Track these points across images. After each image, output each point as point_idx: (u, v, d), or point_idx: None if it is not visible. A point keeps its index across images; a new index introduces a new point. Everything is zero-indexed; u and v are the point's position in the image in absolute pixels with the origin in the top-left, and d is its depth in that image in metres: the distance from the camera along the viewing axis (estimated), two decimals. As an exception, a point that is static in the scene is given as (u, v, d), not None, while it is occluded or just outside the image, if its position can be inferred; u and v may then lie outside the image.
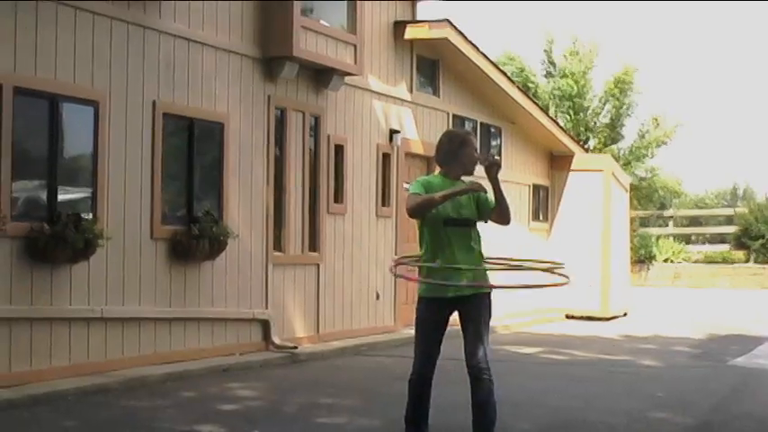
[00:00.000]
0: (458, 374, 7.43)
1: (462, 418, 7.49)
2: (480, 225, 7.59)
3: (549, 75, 36.53)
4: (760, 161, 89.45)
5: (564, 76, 35.52)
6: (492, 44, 52.19)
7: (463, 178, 7.56)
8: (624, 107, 36.05)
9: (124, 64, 11.62)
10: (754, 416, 10.15)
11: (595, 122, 36.19)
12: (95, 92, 11.21)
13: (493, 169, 7.28)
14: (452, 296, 7.35)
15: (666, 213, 39.23)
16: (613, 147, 35.50)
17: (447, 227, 7.37)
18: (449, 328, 7.45)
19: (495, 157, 7.43)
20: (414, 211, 7.34)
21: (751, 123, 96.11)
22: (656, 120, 36.37)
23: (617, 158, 31.88)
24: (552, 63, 36.70)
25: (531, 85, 35.53)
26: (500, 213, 7.43)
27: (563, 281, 7.64)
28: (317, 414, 9.65)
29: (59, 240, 10.39)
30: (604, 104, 36.19)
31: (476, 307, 7.37)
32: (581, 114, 35.61)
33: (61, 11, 10.77)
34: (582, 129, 35.35)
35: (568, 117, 35.20)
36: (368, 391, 11.14)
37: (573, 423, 9.48)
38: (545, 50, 37.04)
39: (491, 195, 7.42)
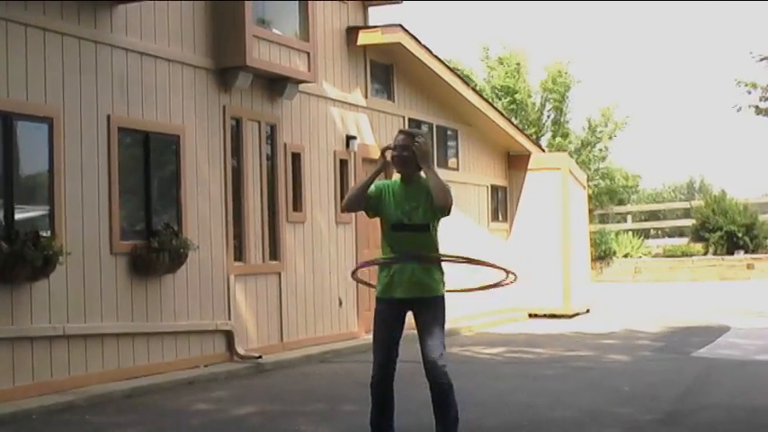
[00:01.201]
0: (421, 376, 7.47)
1: (428, 420, 7.51)
2: (442, 229, 7.60)
3: (489, 80, 36.91)
4: (714, 155, 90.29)
5: (502, 75, 35.94)
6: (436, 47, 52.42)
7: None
8: (564, 100, 36.47)
9: (77, 79, 11.56)
10: (719, 405, 10.23)
11: (540, 119, 36.56)
12: (49, 108, 11.14)
13: (405, 154, 7.36)
14: (400, 297, 7.41)
15: (624, 209, 39.52)
16: (564, 141, 35.78)
17: (396, 231, 7.45)
18: (408, 332, 7.47)
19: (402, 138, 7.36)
20: (344, 206, 7.72)
21: (704, 119, 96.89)
22: (605, 112, 36.74)
23: (570, 154, 32.15)
24: (491, 67, 37.12)
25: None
26: (434, 195, 7.33)
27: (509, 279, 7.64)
28: (284, 423, 9.63)
29: (18, 259, 10.32)
30: (545, 101, 36.58)
31: (425, 310, 7.42)
32: (524, 112, 35.95)
33: (11, 28, 10.70)
34: (526, 125, 35.63)
35: (510, 111, 35.49)
36: (334, 398, 11.12)
37: (540, 420, 9.51)
38: (482, 59, 37.53)
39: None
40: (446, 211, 7.37)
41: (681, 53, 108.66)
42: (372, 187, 7.48)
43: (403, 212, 7.41)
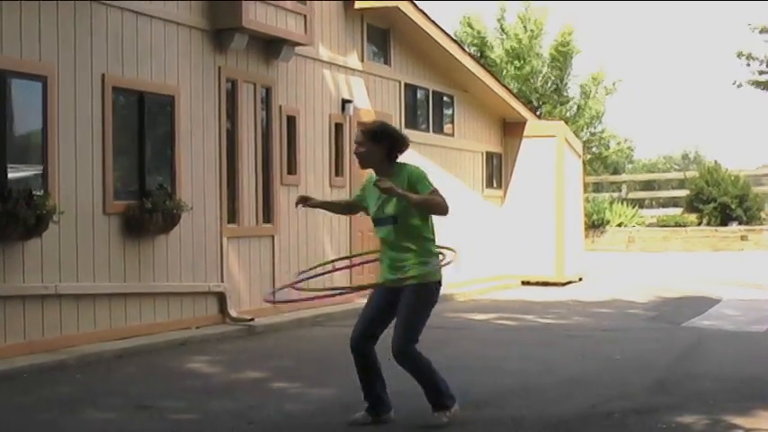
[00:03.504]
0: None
1: (411, 384, 7.56)
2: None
3: (501, 42, 36.66)
4: (709, 127, 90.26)
5: (515, 36, 35.70)
6: (451, 8, 51.96)
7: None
8: (566, 69, 36.34)
9: (72, 38, 11.49)
10: (708, 375, 10.25)
11: (545, 88, 36.37)
12: (43, 67, 11.08)
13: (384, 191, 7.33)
14: (386, 286, 7.58)
15: (619, 178, 39.52)
16: (561, 108, 35.65)
17: (376, 226, 7.63)
18: None
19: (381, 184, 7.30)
20: None
21: (700, 90, 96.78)
22: (596, 77, 36.63)
23: (565, 120, 32.03)
24: (504, 30, 36.85)
25: (487, 50, 35.71)
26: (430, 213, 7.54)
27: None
28: (276, 385, 9.66)
29: (11, 217, 10.29)
30: (552, 69, 36.41)
31: (403, 297, 7.48)
32: (531, 80, 35.76)
33: (6, -15, 10.63)
34: (531, 93, 35.48)
35: (517, 78, 35.23)
36: (325, 362, 11.15)
37: (531, 386, 9.52)
38: (498, 19, 37.21)
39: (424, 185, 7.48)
40: (445, 214, 7.49)
41: (677, 24, 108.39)
42: (360, 188, 7.85)
43: (377, 207, 7.54)
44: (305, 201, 7.88)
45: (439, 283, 7.57)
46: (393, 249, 7.48)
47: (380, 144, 7.50)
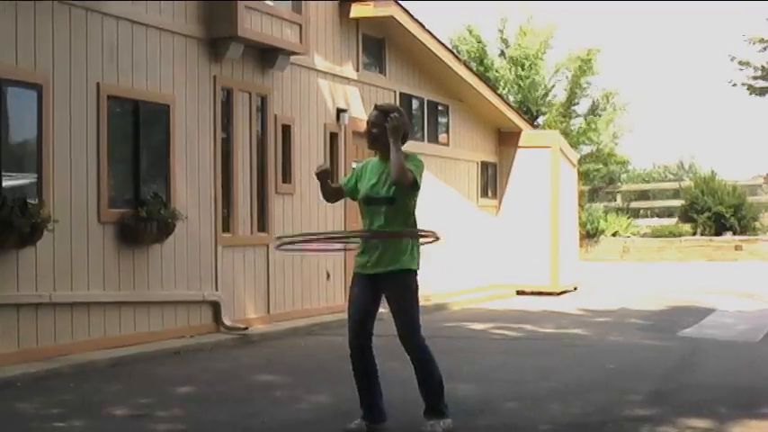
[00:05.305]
0: (398, 349, 7.60)
1: (401, 393, 7.54)
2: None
3: (502, 54, 36.55)
4: (705, 136, 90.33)
5: (519, 47, 35.59)
6: (450, 16, 51.81)
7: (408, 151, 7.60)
8: (580, 87, 36.22)
9: (67, 46, 11.49)
10: (703, 385, 10.27)
11: (546, 99, 36.27)
12: (38, 75, 11.08)
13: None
14: (368, 273, 7.54)
15: (614, 188, 39.55)
16: (565, 121, 35.56)
17: (364, 206, 7.63)
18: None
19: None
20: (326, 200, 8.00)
21: (695, 99, 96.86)
22: (608, 95, 36.52)
23: (568, 135, 31.97)
24: (505, 41, 36.74)
25: (486, 60, 35.66)
26: (390, 170, 7.37)
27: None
28: (270, 394, 9.64)
29: (5, 226, 10.29)
30: (553, 84, 36.29)
31: (389, 289, 7.54)
32: (531, 91, 35.65)
33: (1, -7, 10.64)
34: (532, 106, 35.40)
35: (519, 87, 35.11)
36: (320, 370, 11.14)
37: (525, 395, 9.52)
38: (499, 29, 37.11)
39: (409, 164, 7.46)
40: (404, 187, 7.38)
41: (672, 32, 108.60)
42: (351, 173, 7.81)
43: (372, 187, 7.54)
44: (325, 172, 7.71)
45: (416, 272, 7.58)
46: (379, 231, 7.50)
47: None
